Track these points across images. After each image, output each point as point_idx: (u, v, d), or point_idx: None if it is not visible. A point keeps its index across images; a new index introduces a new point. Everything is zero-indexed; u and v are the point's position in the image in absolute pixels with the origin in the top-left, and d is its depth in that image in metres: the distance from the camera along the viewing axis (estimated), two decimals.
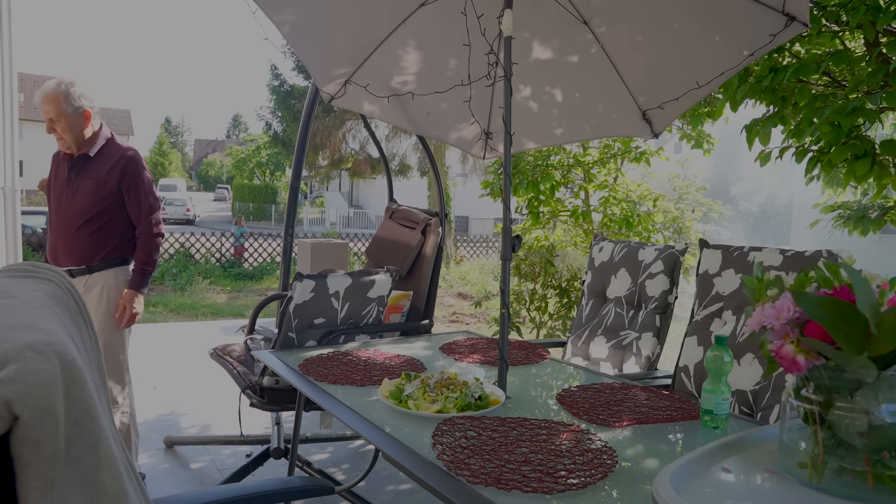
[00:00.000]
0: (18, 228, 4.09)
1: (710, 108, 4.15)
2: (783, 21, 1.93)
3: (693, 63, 2.30)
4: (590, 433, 1.43)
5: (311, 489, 1.29)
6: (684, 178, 6.20)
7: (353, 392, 1.79)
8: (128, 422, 2.62)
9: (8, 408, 0.49)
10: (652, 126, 2.60)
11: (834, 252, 1.90)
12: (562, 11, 2.33)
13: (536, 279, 5.19)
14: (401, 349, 2.30)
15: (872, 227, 3.80)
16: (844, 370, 0.92)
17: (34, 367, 0.51)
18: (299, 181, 3.31)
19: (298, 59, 2.62)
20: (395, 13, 2.39)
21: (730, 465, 1.07)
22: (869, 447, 0.91)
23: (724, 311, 2.17)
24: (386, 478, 2.97)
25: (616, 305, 2.69)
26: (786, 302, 0.96)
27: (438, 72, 2.60)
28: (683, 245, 2.63)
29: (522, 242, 3.04)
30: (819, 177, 3.39)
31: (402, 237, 3.38)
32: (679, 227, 5.30)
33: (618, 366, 2.56)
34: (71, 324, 0.76)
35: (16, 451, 0.50)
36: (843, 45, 3.27)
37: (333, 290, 2.46)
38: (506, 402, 1.69)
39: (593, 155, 5.39)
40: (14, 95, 4.12)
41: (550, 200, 5.27)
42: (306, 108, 3.32)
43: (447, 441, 1.36)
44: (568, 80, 2.66)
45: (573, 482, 1.18)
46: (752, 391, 1.97)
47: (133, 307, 2.57)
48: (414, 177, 15.58)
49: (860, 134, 3.06)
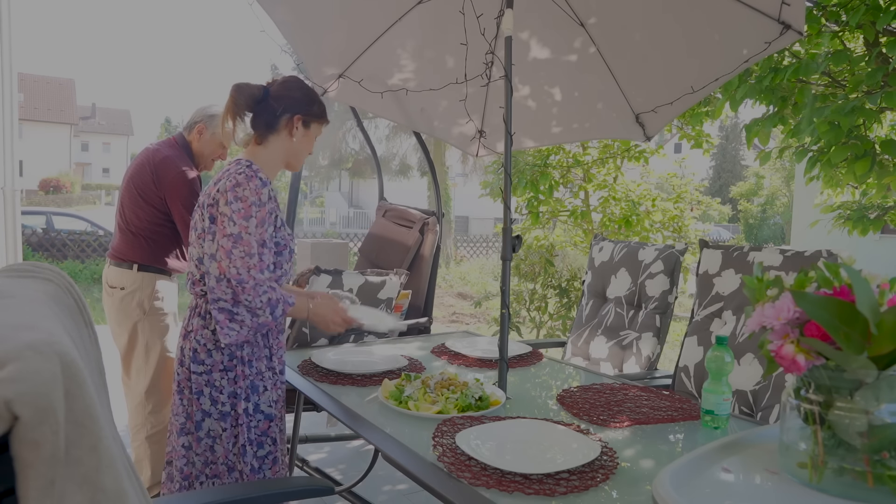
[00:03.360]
0: (18, 228, 4.10)
1: (710, 107, 4.15)
2: (778, 29, 1.94)
3: (688, 68, 2.31)
4: (590, 433, 1.43)
5: (311, 489, 1.29)
6: (682, 178, 6.20)
7: (354, 392, 1.79)
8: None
9: (8, 408, 0.49)
10: (645, 129, 2.60)
11: (834, 252, 1.90)
12: (560, 12, 2.34)
13: (536, 279, 5.19)
14: (401, 349, 2.30)
15: (872, 227, 3.80)
16: (844, 370, 0.92)
17: (34, 367, 0.51)
18: (299, 181, 3.31)
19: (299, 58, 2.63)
20: (393, 10, 2.39)
21: (730, 465, 1.07)
22: (869, 447, 0.91)
23: (724, 311, 2.17)
24: (386, 478, 2.97)
25: (616, 305, 2.69)
26: (786, 302, 0.96)
27: (434, 69, 2.60)
28: (683, 245, 2.63)
29: (522, 242, 3.04)
30: (819, 177, 3.40)
31: (399, 236, 3.37)
32: (678, 226, 5.30)
33: (618, 366, 2.56)
34: (71, 324, 0.76)
35: (16, 451, 0.50)
36: (843, 45, 3.27)
37: (347, 287, 2.47)
38: (506, 403, 1.69)
39: (593, 154, 5.39)
40: (14, 95, 4.13)
41: (550, 200, 5.27)
42: None
43: (448, 442, 1.36)
44: (566, 79, 2.67)
45: (574, 484, 1.18)
46: (752, 391, 1.97)
47: None
48: (414, 177, 15.59)
49: (860, 134, 3.06)
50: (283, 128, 1.71)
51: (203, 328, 1.64)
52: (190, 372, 1.63)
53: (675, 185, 5.82)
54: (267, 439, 1.65)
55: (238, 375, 1.63)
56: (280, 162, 1.76)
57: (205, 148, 2.62)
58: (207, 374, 1.62)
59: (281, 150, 1.74)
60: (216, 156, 2.66)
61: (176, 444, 1.65)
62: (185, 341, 1.66)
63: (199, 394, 1.62)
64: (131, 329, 2.54)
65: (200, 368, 1.62)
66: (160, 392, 2.60)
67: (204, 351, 1.62)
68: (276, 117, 1.70)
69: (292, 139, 1.73)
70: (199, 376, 1.62)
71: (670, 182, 6.11)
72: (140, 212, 2.50)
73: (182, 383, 1.65)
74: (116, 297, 2.55)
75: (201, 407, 1.62)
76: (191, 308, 1.69)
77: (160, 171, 2.49)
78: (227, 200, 1.56)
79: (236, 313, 1.54)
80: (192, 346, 1.64)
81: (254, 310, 1.54)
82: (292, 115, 1.71)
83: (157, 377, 2.59)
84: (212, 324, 1.63)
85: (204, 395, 1.62)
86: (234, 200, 1.56)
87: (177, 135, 2.65)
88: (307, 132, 1.76)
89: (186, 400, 1.64)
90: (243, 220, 1.55)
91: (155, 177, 2.50)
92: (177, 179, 2.46)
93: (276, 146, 1.72)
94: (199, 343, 1.63)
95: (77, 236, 11.25)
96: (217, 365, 1.62)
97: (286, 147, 1.74)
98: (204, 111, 2.63)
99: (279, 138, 1.72)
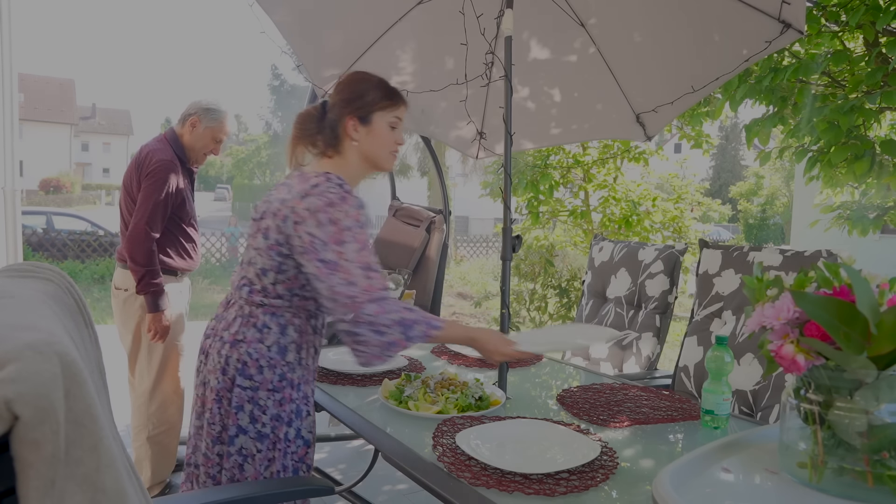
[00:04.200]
0: (18, 228, 4.10)
1: (710, 107, 4.15)
2: (779, 28, 1.94)
3: (688, 67, 2.31)
4: (590, 433, 1.43)
5: (311, 489, 1.29)
6: (683, 178, 6.20)
7: (353, 392, 1.79)
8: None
9: (8, 408, 0.49)
10: (645, 129, 2.60)
11: (834, 252, 1.90)
12: (560, 12, 2.34)
13: (536, 279, 5.19)
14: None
15: (872, 227, 3.81)
16: (844, 370, 0.92)
17: (34, 367, 0.51)
18: None
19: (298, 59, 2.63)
20: (393, 10, 2.39)
21: (730, 465, 1.07)
22: (869, 447, 0.91)
23: (724, 311, 2.17)
24: (386, 478, 2.97)
25: (616, 305, 2.69)
26: (786, 302, 0.96)
27: (434, 70, 2.60)
28: (683, 245, 2.63)
29: (522, 242, 3.04)
30: (819, 177, 3.40)
31: (407, 236, 3.38)
32: (678, 226, 5.30)
33: (618, 366, 2.56)
34: (71, 324, 0.76)
35: (16, 451, 0.50)
36: (842, 45, 3.27)
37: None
38: (506, 403, 1.69)
39: (593, 155, 5.39)
40: (14, 95, 4.13)
41: (550, 200, 5.27)
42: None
43: (448, 442, 1.36)
44: (566, 80, 2.67)
45: (574, 484, 1.18)
46: (752, 391, 1.97)
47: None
48: (414, 176, 15.59)
49: (860, 134, 3.06)
50: (344, 135, 1.60)
51: (258, 342, 1.51)
52: (233, 383, 1.51)
53: (675, 186, 5.82)
54: (303, 465, 1.57)
55: (285, 398, 1.51)
56: (361, 168, 1.63)
57: (197, 142, 2.60)
58: (253, 391, 1.50)
59: (354, 157, 1.61)
60: (208, 150, 2.64)
61: (210, 451, 1.54)
62: (232, 350, 1.51)
63: (238, 408, 1.50)
64: (135, 329, 2.55)
65: (247, 384, 1.49)
66: (163, 392, 2.60)
67: (255, 366, 1.50)
68: (334, 127, 1.60)
69: (354, 143, 1.60)
70: (244, 391, 1.50)
71: (671, 182, 6.11)
72: (132, 210, 2.51)
73: (222, 392, 1.52)
74: (120, 298, 2.56)
75: (237, 422, 1.50)
76: (241, 316, 1.54)
77: (143, 166, 2.50)
78: (318, 222, 1.43)
79: (358, 333, 1.41)
80: (240, 357, 1.50)
81: (378, 326, 1.41)
82: (344, 118, 1.59)
83: (160, 377, 2.59)
84: (268, 338, 1.51)
85: (244, 411, 1.50)
86: (328, 223, 1.43)
87: (167, 130, 2.64)
88: (370, 128, 1.60)
89: (224, 410, 1.52)
90: (336, 246, 1.42)
91: (138, 172, 2.51)
92: (156, 168, 2.47)
93: (348, 154, 1.61)
94: (251, 357, 1.50)
95: (77, 236, 11.26)
96: (265, 384, 1.50)
97: (356, 151, 1.61)
98: (199, 104, 2.61)
99: (345, 146, 1.60)
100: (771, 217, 22.18)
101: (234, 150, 40.00)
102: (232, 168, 40.66)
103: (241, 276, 1.58)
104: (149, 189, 2.45)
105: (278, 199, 1.52)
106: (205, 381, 1.57)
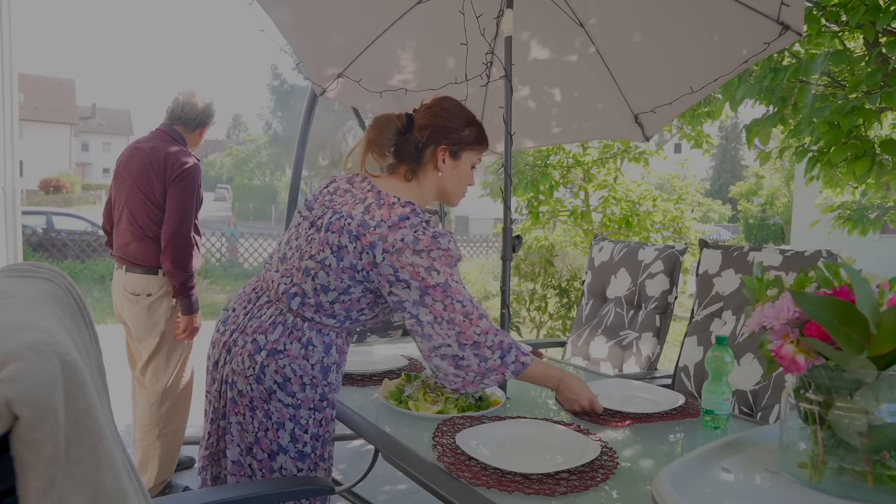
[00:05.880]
0: (19, 228, 4.10)
1: (710, 108, 4.15)
2: (777, 29, 1.95)
3: (687, 68, 2.31)
4: (590, 433, 1.43)
5: (311, 489, 1.29)
6: (684, 179, 6.21)
7: (353, 392, 1.79)
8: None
9: (8, 408, 0.49)
10: (644, 130, 2.60)
11: (834, 252, 1.90)
12: (559, 12, 2.34)
13: (536, 279, 5.19)
14: (401, 349, 2.30)
15: (872, 227, 3.81)
16: (844, 370, 0.92)
17: (34, 367, 0.51)
18: (299, 181, 3.32)
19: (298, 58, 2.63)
20: (393, 10, 2.39)
21: (730, 465, 1.07)
22: (869, 447, 0.91)
23: (724, 311, 2.17)
24: (386, 478, 2.97)
25: (616, 305, 2.69)
26: (786, 302, 0.96)
27: (434, 69, 2.61)
28: (683, 245, 2.63)
29: (522, 242, 3.04)
30: (819, 177, 3.40)
31: None
32: (679, 226, 5.30)
33: (618, 366, 2.56)
34: (71, 324, 0.76)
35: (16, 451, 0.50)
36: (842, 45, 3.27)
37: None
38: (506, 403, 1.69)
39: (593, 155, 5.40)
40: (14, 95, 4.13)
41: (550, 200, 5.27)
42: (306, 107, 3.32)
43: (448, 442, 1.36)
44: (566, 80, 2.67)
45: (574, 484, 1.18)
46: (751, 391, 1.97)
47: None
48: None
49: (860, 134, 3.06)
50: (429, 161, 1.52)
51: (302, 358, 1.43)
52: (269, 394, 1.42)
53: (676, 186, 5.83)
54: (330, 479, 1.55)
55: (326, 418, 1.47)
56: (431, 198, 1.57)
57: (195, 144, 2.68)
58: (295, 409, 1.43)
59: (432, 186, 1.54)
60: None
61: (243, 458, 1.47)
62: (269, 359, 1.42)
63: (279, 425, 1.43)
64: (163, 332, 2.55)
65: (289, 400, 1.43)
66: (176, 392, 2.62)
67: (298, 383, 1.43)
68: (420, 150, 1.51)
69: (438, 173, 1.52)
70: (286, 408, 1.43)
71: (671, 183, 6.12)
72: (154, 216, 2.50)
73: (256, 402, 1.43)
74: (144, 304, 2.52)
75: (278, 440, 1.43)
76: (283, 325, 1.44)
77: (166, 170, 2.49)
78: (417, 260, 1.39)
79: (462, 357, 1.39)
80: (280, 370, 1.42)
81: (481, 348, 1.39)
82: (436, 146, 1.51)
83: (177, 378, 2.61)
84: (313, 356, 1.44)
85: (285, 429, 1.43)
86: (427, 259, 1.39)
87: (164, 126, 2.62)
88: (457, 164, 1.54)
89: (258, 421, 1.44)
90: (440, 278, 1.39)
91: (161, 177, 2.49)
92: (186, 172, 2.50)
93: (427, 182, 1.53)
94: (295, 374, 1.42)
95: (77, 236, 11.27)
96: (307, 402, 1.44)
97: (436, 182, 1.54)
98: (211, 113, 2.65)
99: (427, 173, 1.52)
100: (771, 217, 22.16)
101: (234, 150, 40.02)
102: (232, 168, 40.68)
103: (291, 281, 1.46)
104: (183, 194, 2.48)
105: (348, 215, 1.43)
106: (227, 380, 1.47)
